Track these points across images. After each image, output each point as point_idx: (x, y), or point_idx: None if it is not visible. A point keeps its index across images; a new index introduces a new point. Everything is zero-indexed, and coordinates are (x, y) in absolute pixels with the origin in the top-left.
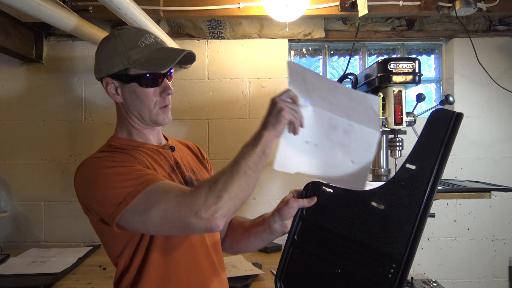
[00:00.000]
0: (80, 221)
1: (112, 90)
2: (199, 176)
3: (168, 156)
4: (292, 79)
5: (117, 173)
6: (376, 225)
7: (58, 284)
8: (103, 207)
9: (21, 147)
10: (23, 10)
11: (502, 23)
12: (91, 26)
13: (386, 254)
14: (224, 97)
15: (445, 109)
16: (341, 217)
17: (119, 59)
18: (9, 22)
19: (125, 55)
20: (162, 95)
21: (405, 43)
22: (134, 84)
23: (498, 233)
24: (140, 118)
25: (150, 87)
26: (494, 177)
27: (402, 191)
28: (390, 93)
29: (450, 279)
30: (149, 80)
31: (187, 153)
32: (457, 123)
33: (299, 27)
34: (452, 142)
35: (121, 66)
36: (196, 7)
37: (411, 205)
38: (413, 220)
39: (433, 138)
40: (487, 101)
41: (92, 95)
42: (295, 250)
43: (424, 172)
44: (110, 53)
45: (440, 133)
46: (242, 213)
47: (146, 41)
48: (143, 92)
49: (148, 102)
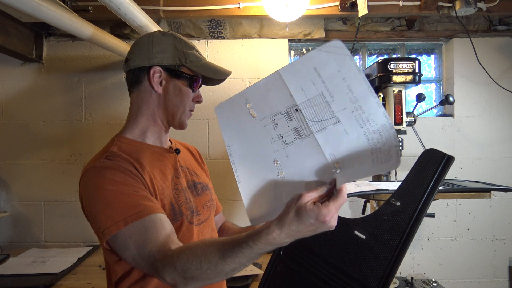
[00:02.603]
0: (80, 221)
1: (156, 80)
2: (201, 179)
3: (174, 159)
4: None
5: (114, 197)
6: (355, 254)
7: (58, 284)
8: (95, 225)
9: (21, 147)
10: (23, 10)
11: (502, 23)
12: (91, 26)
13: (361, 282)
14: (224, 97)
15: (437, 150)
16: (323, 239)
17: (176, 55)
18: (9, 22)
19: (183, 53)
20: (194, 100)
21: (405, 43)
22: (182, 82)
23: (498, 233)
24: (171, 115)
25: (193, 89)
26: (494, 177)
27: (384, 225)
28: (390, 93)
29: (450, 279)
30: (196, 84)
31: (190, 156)
32: (447, 166)
33: (299, 27)
34: (439, 184)
35: (177, 61)
36: (196, 7)
37: (391, 240)
38: (391, 254)
39: (421, 178)
40: (487, 101)
41: (92, 95)
42: (279, 264)
43: (408, 210)
44: (168, 47)
45: (429, 173)
46: (241, 216)
47: (197, 52)
48: (187, 91)
49: (186, 101)
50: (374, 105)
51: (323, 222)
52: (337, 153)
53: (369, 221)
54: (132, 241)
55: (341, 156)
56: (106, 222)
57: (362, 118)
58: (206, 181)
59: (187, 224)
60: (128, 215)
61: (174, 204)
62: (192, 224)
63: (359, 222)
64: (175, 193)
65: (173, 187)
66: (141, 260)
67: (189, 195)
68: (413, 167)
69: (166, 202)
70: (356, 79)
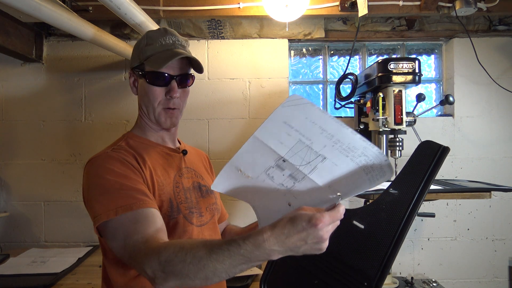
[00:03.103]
0: (80, 221)
1: (131, 83)
2: (207, 183)
3: (179, 159)
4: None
5: (111, 186)
6: (354, 243)
7: (58, 284)
8: (89, 211)
9: (21, 147)
10: (23, 10)
11: (502, 23)
12: (91, 26)
13: (360, 271)
14: (224, 97)
15: (433, 142)
16: None
17: (137, 54)
18: (9, 22)
19: (141, 51)
20: (167, 96)
21: (405, 43)
22: (143, 80)
23: (498, 233)
24: (146, 114)
25: (155, 85)
26: (494, 177)
27: (382, 214)
28: (390, 93)
29: (450, 279)
30: (154, 78)
31: (198, 160)
32: (442, 156)
33: (299, 27)
34: (435, 173)
35: (137, 61)
36: (196, 7)
37: (389, 228)
38: (389, 242)
39: (417, 168)
40: (487, 101)
41: (92, 95)
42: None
43: (405, 198)
44: (136, 48)
45: (425, 163)
46: (247, 216)
47: (164, 41)
48: (150, 89)
49: (152, 99)
50: (349, 135)
51: (315, 225)
52: (335, 183)
53: (367, 210)
54: (120, 231)
55: (339, 185)
56: (99, 209)
57: (344, 148)
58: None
59: (185, 223)
60: (120, 205)
61: (172, 201)
62: (192, 224)
63: (358, 212)
64: (175, 191)
65: (174, 185)
66: (125, 252)
67: (192, 196)
68: (410, 157)
69: (165, 198)
70: (324, 119)
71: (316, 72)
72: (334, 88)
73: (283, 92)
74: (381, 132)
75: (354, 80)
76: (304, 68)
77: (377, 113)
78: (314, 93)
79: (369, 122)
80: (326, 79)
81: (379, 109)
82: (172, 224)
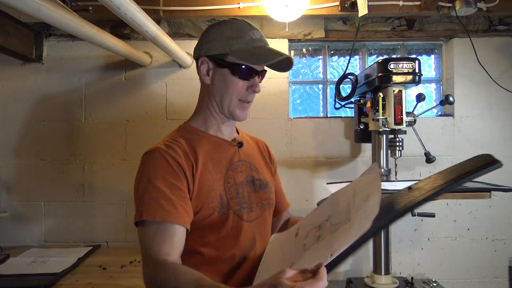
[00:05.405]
0: (80, 221)
1: (204, 70)
2: (262, 176)
3: (233, 152)
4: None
5: (150, 192)
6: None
7: (58, 284)
8: (135, 202)
9: (21, 147)
10: (23, 10)
11: (502, 23)
12: (91, 26)
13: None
14: None
15: (492, 156)
16: None
17: (221, 43)
18: (9, 22)
19: (228, 41)
20: (249, 90)
21: (405, 43)
22: (226, 71)
23: (498, 233)
24: (219, 105)
25: (240, 78)
26: (494, 177)
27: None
28: (390, 93)
29: (450, 279)
30: (242, 72)
31: (256, 151)
32: (489, 166)
33: (299, 27)
34: (473, 175)
35: (221, 50)
36: (196, 7)
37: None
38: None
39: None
40: (487, 101)
41: (92, 95)
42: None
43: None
44: (216, 36)
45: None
46: None
47: (253, 36)
48: (232, 80)
49: (232, 91)
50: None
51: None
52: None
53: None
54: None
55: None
56: (136, 209)
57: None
58: (267, 179)
59: (235, 219)
60: (148, 211)
61: (222, 197)
62: (242, 220)
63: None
64: (226, 186)
65: (226, 180)
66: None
67: (244, 190)
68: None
69: (215, 194)
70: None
71: (316, 72)
72: (334, 88)
73: (283, 92)
74: (381, 132)
75: (354, 80)
76: (304, 68)
77: (377, 113)
78: (314, 93)
79: (369, 122)
80: (326, 79)
81: (379, 109)
82: (223, 219)
